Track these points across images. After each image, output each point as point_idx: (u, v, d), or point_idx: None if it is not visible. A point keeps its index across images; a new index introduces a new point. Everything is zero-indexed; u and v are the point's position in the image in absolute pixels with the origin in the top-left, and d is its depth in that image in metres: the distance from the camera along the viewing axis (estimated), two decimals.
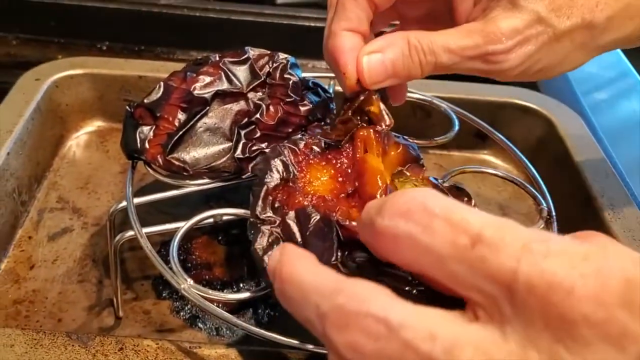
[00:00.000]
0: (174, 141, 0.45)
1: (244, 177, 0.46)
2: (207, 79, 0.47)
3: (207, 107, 0.47)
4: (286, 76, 0.49)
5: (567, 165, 0.61)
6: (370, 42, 0.41)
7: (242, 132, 0.46)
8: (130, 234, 0.42)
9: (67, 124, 0.67)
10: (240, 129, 0.46)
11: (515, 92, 0.69)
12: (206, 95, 0.47)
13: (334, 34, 0.42)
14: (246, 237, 0.39)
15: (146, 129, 0.46)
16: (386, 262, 0.32)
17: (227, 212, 0.43)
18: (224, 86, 0.47)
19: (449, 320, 0.25)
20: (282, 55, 0.50)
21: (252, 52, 0.49)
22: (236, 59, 0.49)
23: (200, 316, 0.49)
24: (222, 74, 0.48)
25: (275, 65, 0.49)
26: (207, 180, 0.46)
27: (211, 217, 0.43)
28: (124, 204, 0.44)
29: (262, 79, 0.48)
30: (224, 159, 0.46)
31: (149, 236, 0.42)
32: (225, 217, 0.43)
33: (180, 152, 0.45)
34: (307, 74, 0.52)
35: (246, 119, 0.47)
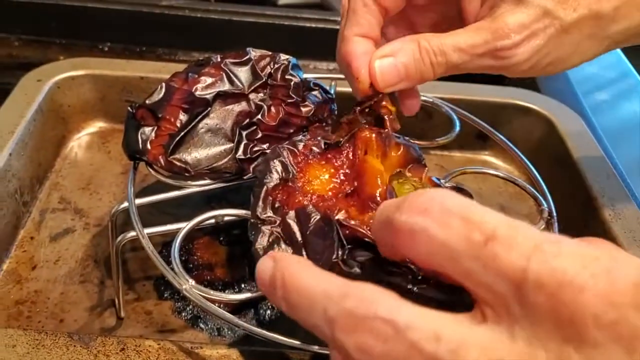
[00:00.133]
0: (175, 142, 0.45)
1: (245, 177, 0.46)
2: (209, 80, 0.47)
3: (209, 108, 0.47)
4: (287, 77, 0.49)
5: (567, 165, 0.61)
6: (381, 47, 0.42)
7: (244, 133, 0.46)
8: (132, 234, 0.43)
9: (69, 125, 0.67)
10: (241, 130, 0.46)
11: (516, 93, 0.69)
12: (208, 96, 0.47)
13: (346, 40, 0.43)
14: (247, 237, 0.39)
15: (148, 129, 0.46)
16: (389, 261, 0.32)
17: (229, 213, 0.43)
18: (226, 87, 0.48)
19: (455, 322, 0.25)
20: (283, 56, 0.50)
21: (254, 53, 0.50)
22: (238, 60, 0.49)
23: (201, 316, 0.49)
24: (224, 75, 0.48)
25: (276, 66, 0.49)
26: (208, 181, 0.46)
27: (212, 217, 0.43)
28: (126, 204, 0.44)
29: (264, 80, 0.49)
30: (225, 160, 0.46)
31: (151, 237, 0.42)
32: (226, 218, 0.44)
33: (181, 153, 0.46)
34: (309, 75, 0.52)
35: (247, 120, 0.47)
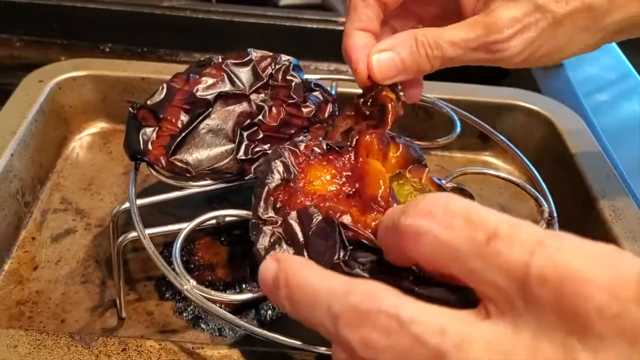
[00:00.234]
0: (176, 142, 0.45)
1: (246, 178, 0.46)
2: (210, 81, 0.48)
3: (210, 109, 0.47)
4: (288, 78, 0.49)
5: (568, 166, 0.61)
6: (380, 42, 0.44)
7: (245, 134, 0.47)
8: (133, 235, 0.43)
9: (70, 126, 0.67)
10: (242, 131, 0.47)
11: (516, 93, 0.69)
12: (209, 96, 0.47)
13: (348, 34, 0.45)
14: (248, 238, 0.39)
15: (149, 130, 0.46)
16: (390, 263, 0.32)
17: (230, 214, 0.43)
18: (227, 88, 0.48)
19: (459, 317, 0.25)
20: (284, 57, 0.50)
21: (255, 53, 0.50)
22: (239, 61, 0.49)
23: (202, 317, 0.49)
24: (225, 76, 0.48)
25: (277, 67, 0.49)
26: (209, 181, 0.46)
27: (214, 218, 0.43)
28: (127, 205, 0.44)
29: (265, 80, 0.49)
30: (226, 161, 0.46)
31: (152, 237, 0.42)
32: (227, 218, 0.44)
33: (183, 154, 0.46)
34: (310, 76, 0.53)
35: (249, 121, 0.47)
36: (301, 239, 0.37)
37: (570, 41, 0.42)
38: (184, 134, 0.46)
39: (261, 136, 0.47)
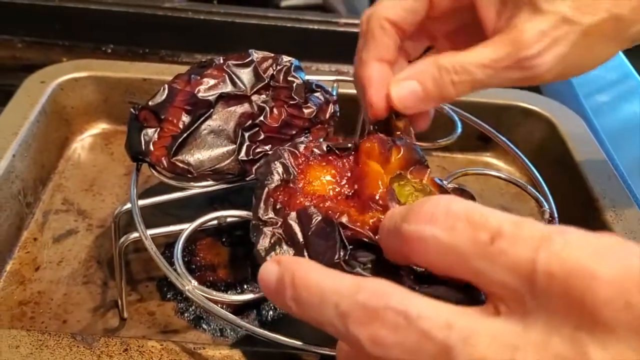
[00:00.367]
0: (178, 143, 0.45)
1: (247, 179, 0.46)
2: (211, 82, 0.48)
3: (211, 110, 0.47)
4: (290, 79, 0.49)
5: (569, 167, 0.61)
6: (401, 72, 0.42)
7: (246, 135, 0.47)
8: (134, 235, 0.43)
9: (72, 127, 0.67)
10: (244, 131, 0.47)
11: (517, 94, 0.69)
12: (210, 97, 0.47)
13: (364, 64, 0.44)
14: (250, 238, 0.39)
15: (150, 131, 0.46)
16: (391, 262, 0.32)
17: (231, 214, 0.43)
18: (228, 89, 0.48)
19: (466, 313, 0.25)
20: (285, 58, 0.50)
21: (256, 54, 0.50)
22: (240, 62, 0.49)
23: (204, 317, 0.49)
24: (226, 77, 0.48)
25: (279, 67, 0.49)
26: (211, 182, 0.46)
27: (215, 219, 0.43)
28: (129, 205, 0.45)
29: (266, 81, 0.49)
30: (227, 161, 0.46)
31: (154, 238, 0.42)
32: (229, 219, 0.44)
33: (184, 154, 0.46)
34: (311, 77, 0.53)
35: (250, 122, 0.47)
36: (301, 239, 0.38)
37: (597, 52, 0.41)
38: (185, 135, 0.46)
39: (262, 137, 0.47)
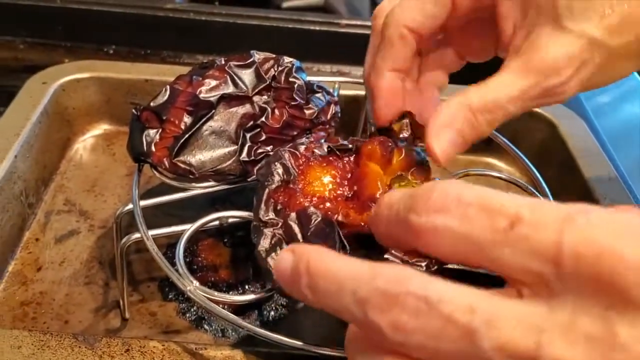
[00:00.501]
0: (180, 144, 0.45)
1: (249, 179, 0.46)
2: (213, 83, 0.48)
3: (213, 111, 0.47)
4: (291, 80, 0.49)
5: (570, 168, 0.61)
6: (434, 118, 0.39)
7: (248, 135, 0.47)
8: (136, 236, 0.43)
9: (74, 127, 0.67)
10: (245, 132, 0.47)
11: None
12: (212, 98, 0.47)
13: (379, 73, 0.43)
14: (251, 239, 0.39)
15: (152, 132, 0.46)
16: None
17: (233, 215, 0.43)
18: (230, 90, 0.48)
19: (489, 296, 0.25)
20: (287, 58, 0.50)
21: (258, 55, 0.50)
22: (241, 63, 0.49)
23: (205, 318, 0.49)
24: (228, 78, 0.48)
25: (280, 68, 0.50)
26: (212, 183, 0.46)
27: (217, 219, 0.43)
28: (130, 206, 0.45)
29: (268, 82, 0.49)
30: (229, 162, 0.46)
31: (155, 238, 0.42)
32: (230, 220, 0.44)
33: (186, 155, 0.46)
34: (312, 78, 0.53)
35: (251, 122, 0.47)
36: (300, 240, 0.38)
37: (617, 71, 0.40)
38: (187, 136, 0.46)
39: (264, 138, 0.47)
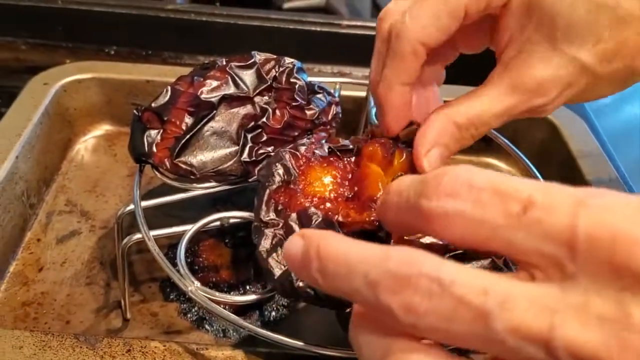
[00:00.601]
0: (181, 145, 0.46)
1: (250, 180, 0.47)
2: (214, 83, 0.48)
3: (214, 111, 0.47)
4: (292, 80, 0.49)
5: (570, 168, 0.61)
6: (422, 141, 0.41)
7: (249, 136, 0.47)
8: (137, 236, 0.43)
9: (75, 128, 0.68)
10: (246, 133, 0.47)
11: None
12: (213, 99, 0.47)
13: (389, 86, 0.42)
14: (252, 239, 0.39)
15: (154, 132, 0.46)
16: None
17: (234, 215, 0.44)
18: (231, 90, 0.48)
19: (501, 278, 0.25)
20: (288, 59, 0.51)
21: (259, 56, 0.50)
22: (243, 64, 0.49)
23: (207, 318, 0.49)
24: (229, 78, 0.48)
25: (281, 69, 0.50)
26: (213, 183, 0.46)
27: (218, 220, 0.43)
28: (132, 207, 0.45)
29: (269, 83, 0.49)
30: (230, 163, 0.46)
31: (157, 239, 0.42)
32: (231, 220, 0.44)
33: (187, 156, 0.46)
34: (313, 78, 0.53)
35: (253, 123, 0.47)
36: None
37: (600, 92, 0.42)
38: (188, 136, 0.46)
39: (265, 138, 0.47)
